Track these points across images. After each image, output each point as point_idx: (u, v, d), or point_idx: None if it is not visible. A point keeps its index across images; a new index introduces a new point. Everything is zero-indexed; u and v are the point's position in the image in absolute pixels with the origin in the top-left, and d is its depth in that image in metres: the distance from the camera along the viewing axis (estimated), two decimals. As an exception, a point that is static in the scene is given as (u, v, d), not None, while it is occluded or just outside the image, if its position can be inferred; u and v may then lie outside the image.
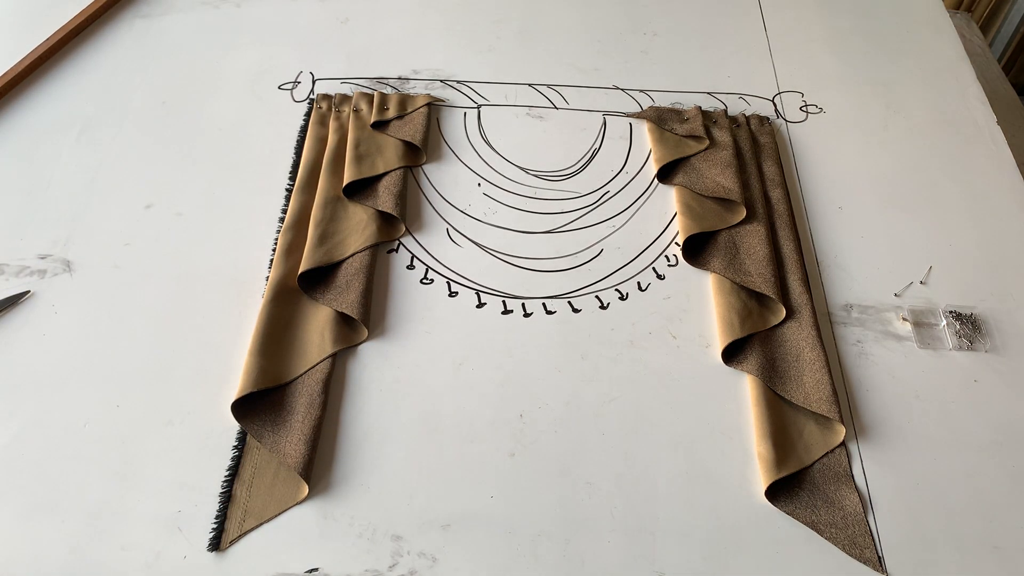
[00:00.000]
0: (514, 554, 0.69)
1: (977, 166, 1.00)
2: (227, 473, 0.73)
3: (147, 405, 0.77)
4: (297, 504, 0.71)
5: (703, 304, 0.86)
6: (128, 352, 0.80)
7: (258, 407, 0.77)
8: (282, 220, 0.91)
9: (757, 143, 1.01)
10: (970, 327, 0.84)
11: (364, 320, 0.82)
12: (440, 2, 1.18)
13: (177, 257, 0.88)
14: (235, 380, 0.77)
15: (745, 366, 0.81)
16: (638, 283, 0.88)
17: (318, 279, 0.86)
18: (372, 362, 0.81)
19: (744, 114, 1.04)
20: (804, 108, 1.06)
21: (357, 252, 0.88)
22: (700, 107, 1.03)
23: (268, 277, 0.86)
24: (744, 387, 0.80)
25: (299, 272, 0.85)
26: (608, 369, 0.81)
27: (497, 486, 0.73)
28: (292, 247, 0.88)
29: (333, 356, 0.80)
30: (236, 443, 0.75)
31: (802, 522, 0.72)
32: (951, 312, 0.86)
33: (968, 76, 1.11)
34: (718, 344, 0.83)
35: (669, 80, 1.09)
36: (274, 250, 0.88)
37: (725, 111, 1.04)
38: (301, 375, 0.79)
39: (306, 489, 0.72)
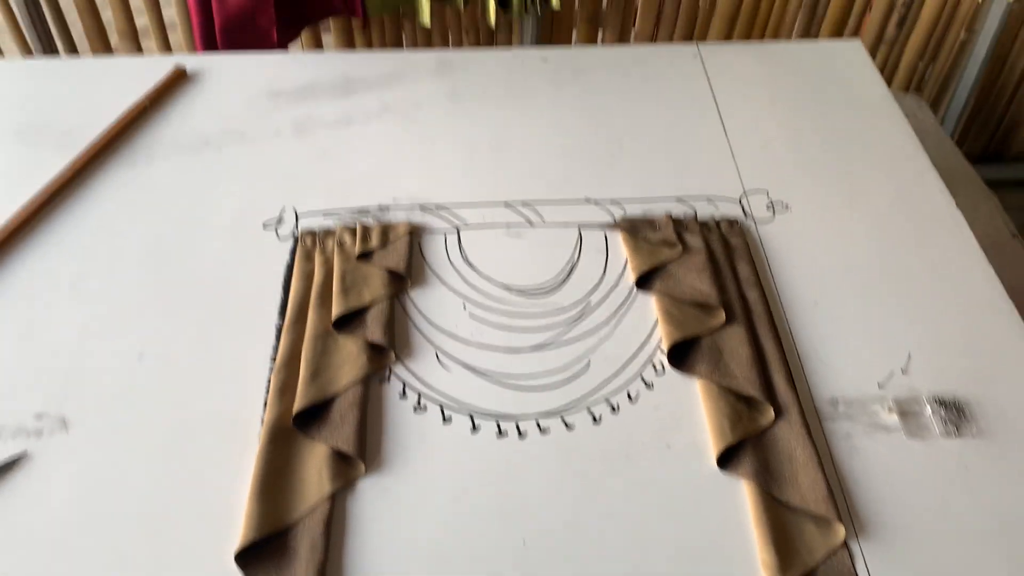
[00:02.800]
0: None
1: (942, 250, 1.04)
2: (233, 628, 0.72)
3: (148, 559, 0.76)
4: (306, 655, 0.71)
5: (693, 410, 0.88)
6: (128, 506, 0.80)
7: (262, 553, 0.77)
8: (274, 359, 0.93)
9: (729, 245, 1.04)
10: (955, 413, 0.86)
11: (360, 455, 0.83)
12: (414, 130, 1.23)
13: (172, 405, 0.89)
14: (237, 524, 0.78)
15: (740, 471, 0.82)
16: (628, 393, 0.90)
17: (313, 415, 0.87)
18: (372, 498, 0.81)
19: (714, 218, 1.08)
20: (770, 207, 1.10)
21: (349, 386, 0.89)
22: (671, 214, 1.07)
23: (263, 419, 0.87)
24: (741, 492, 0.81)
25: (295, 412, 0.86)
26: (606, 485, 0.82)
27: (506, 617, 0.73)
28: (285, 386, 0.89)
29: (333, 495, 0.81)
30: (241, 596, 0.74)
31: (813, 629, 0.72)
32: (935, 399, 0.88)
33: (923, 162, 1.16)
34: (711, 451, 0.84)
35: (638, 188, 1.13)
36: (268, 390, 0.90)
37: (695, 216, 1.08)
38: (302, 518, 0.79)
39: (314, 639, 0.71)
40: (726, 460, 0.83)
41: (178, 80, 1.31)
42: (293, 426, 0.86)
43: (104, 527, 0.79)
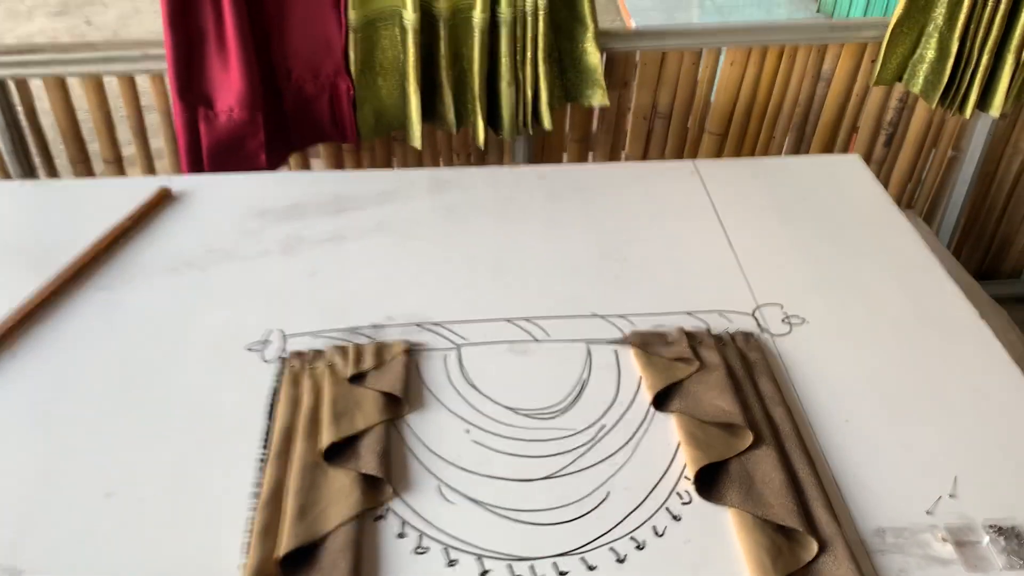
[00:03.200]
0: None
1: (972, 363, 0.98)
2: None
3: None
4: None
5: (727, 545, 0.79)
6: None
7: None
8: (257, 495, 0.83)
9: (747, 360, 0.98)
10: (1015, 542, 0.78)
11: (356, 605, 0.73)
12: (410, 246, 1.18)
13: (141, 550, 0.78)
14: None
15: (788, 615, 0.72)
16: (653, 528, 0.81)
17: (301, 559, 0.77)
18: (368, 657, 0.70)
19: (728, 331, 1.02)
20: (786, 320, 1.05)
21: (341, 524, 0.79)
22: (683, 328, 1.02)
23: (244, 565, 0.77)
24: (791, 640, 0.71)
25: (281, 554, 0.76)
26: (637, 635, 0.72)
27: None
28: (269, 526, 0.80)
29: (323, 655, 0.70)
30: None
31: None
32: (991, 527, 0.79)
33: (939, 272, 1.12)
34: (753, 591, 0.75)
35: (646, 303, 1.07)
36: (250, 531, 0.80)
37: (708, 330, 1.02)
38: None
39: None
40: (769, 602, 0.74)
41: (162, 200, 1.27)
42: (280, 572, 0.76)
43: None
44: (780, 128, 1.74)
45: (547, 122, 1.56)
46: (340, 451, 0.87)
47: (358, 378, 0.96)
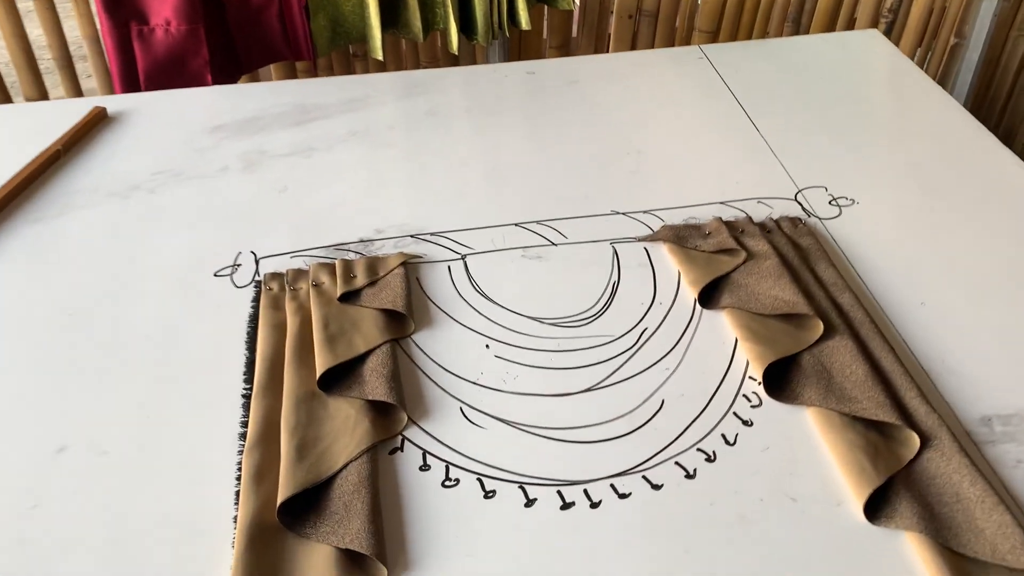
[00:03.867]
0: None
1: (1048, 234, 0.87)
2: None
3: None
4: None
5: (814, 450, 0.67)
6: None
7: None
8: (243, 437, 0.69)
9: (798, 246, 0.85)
10: None
11: (380, 555, 0.59)
12: (390, 154, 1.03)
13: (106, 513, 0.63)
14: None
15: (900, 521, 0.60)
16: (723, 436, 0.68)
17: (306, 506, 0.63)
18: (403, 614, 0.57)
19: (771, 218, 0.90)
20: (834, 202, 0.92)
21: (351, 461, 0.65)
22: (721, 218, 0.88)
23: (236, 517, 0.62)
24: (908, 550, 0.59)
25: (279, 502, 0.62)
26: (725, 561, 0.59)
27: None
28: (263, 470, 0.65)
29: (346, 616, 0.56)
30: None
31: None
32: (1112, 403, 0.68)
33: (992, 141, 1.00)
34: (852, 498, 0.63)
35: (672, 196, 0.94)
36: (239, 478, 0.65)
37: (749, 219, 0.89)
38: (305, 655, 0.54)
39: None
40: (873, 509, 0.62)
41: (98, 121, 1.09)
42: (280, 523, 0.61)
43: None
44: (775, 23, 1.60)
45: (524, 21, 1.40)
46: (339, 379, 0.72)
47: (350, 297, 0.81)
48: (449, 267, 0.86)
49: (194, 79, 1.34)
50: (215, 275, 0.85)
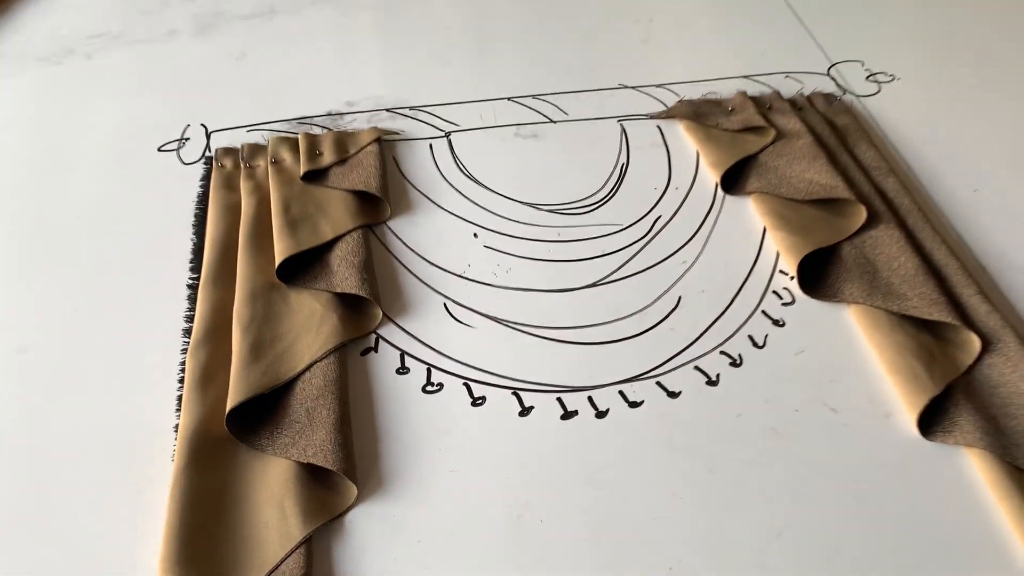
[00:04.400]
0: None
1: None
2: None
3: None
4: None
5: (855, 352, 0.57)
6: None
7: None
8: (188, 333, 0.58)
9: (834, 126, 0.74)
10: None
11: (348, 470, 0.50)
12: (363, 18, 0.89)
13: (25, 420, 0.53)
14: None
15: (959, 436, 0.51)
16: (750, 337, 0.58)
17: (261, 414, 0.53)
18: (374, 539, 0.48)
19: (803, 94, 0.78)
20: (871, 78, 0.81)
21: (316, 362, 0.55)
22: (745, 93, 0.77)
23: (177, 426, 0.53)
24: (968, 469, 0.51)
25: (228, 409, 0.52)
26: (756, 479, 0.50)
27: None
28: (210, 371, 0.55)
29: (308, 541, 0.47)
30: None
31: None
32: None
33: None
34: (902, 408, 0.54)
35: (689, 69, 0.82)
36: (181, 380, 0.55)
37: (778, 94, 0.78)
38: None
39: None
40: (927, 421, 0.53)
41: (26, -21, 0.94)
42: (229, 433, 0.52)
43: None
44: None
45: None
46: (303, 269, 0.62)
47: (315, 176, 0.69)
48: (431, 145, 0.74)
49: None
50: (159, 150, 0.73)
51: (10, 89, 0.80)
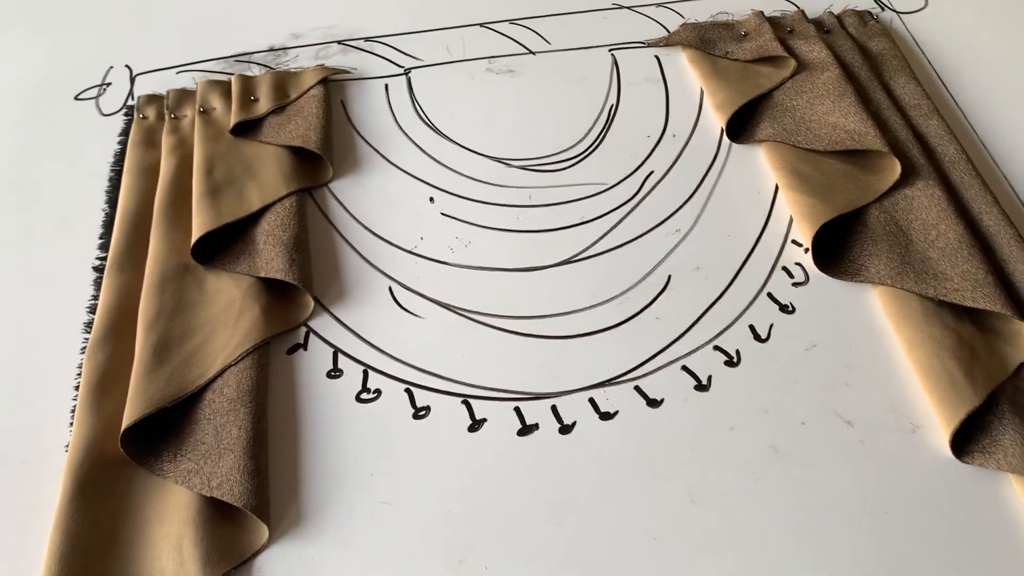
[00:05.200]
0: None
1: None
2: None
3: None
4: None
5: (878, 349, 0.47)
6: None
7: None
8: (89, 327, 0.50)
9: (868, 54, 0.62)
10: None
11: (259, 507, 0.42)
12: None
13: None
14: None
15: (1000, 460, 0.42)
16: (751, 328, 0.48)
17: (163, 429, 0.45)
18: (286, 592, 0.40)
19: (831, 12, 0.65)
20: (916, -10, 0.67)
21: (230, 366, 0.47)
22: (762, 13, 0.64)
23: (68, 445, 0.45)
24: (1011, 498, 0.41)
25: (123, 427, 0.44)
26: (748, 514, 0.41)
27: None
28: (109, 377, 0.47)
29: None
30: None
31: None
32: None
33: None
34: (934, 422, 0.44)
35: (696, -16, 0.69)
36: (77, 388, 0.47)
37: (801, 12, 0.65)
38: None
39: None
40: (964, 438, 0.43)
41: None
42: (124, 455, 0.44)
43: None
44: None
45: None
46: (224, 246, 0.53)
47: (247, 128, 0.59)
48: (387, 85, 0.63)
49: None
50: (76, 98, 0.64)
51: (-84, 26, 0.70)
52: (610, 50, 0.65)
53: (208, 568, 0.40)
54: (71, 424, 0.46)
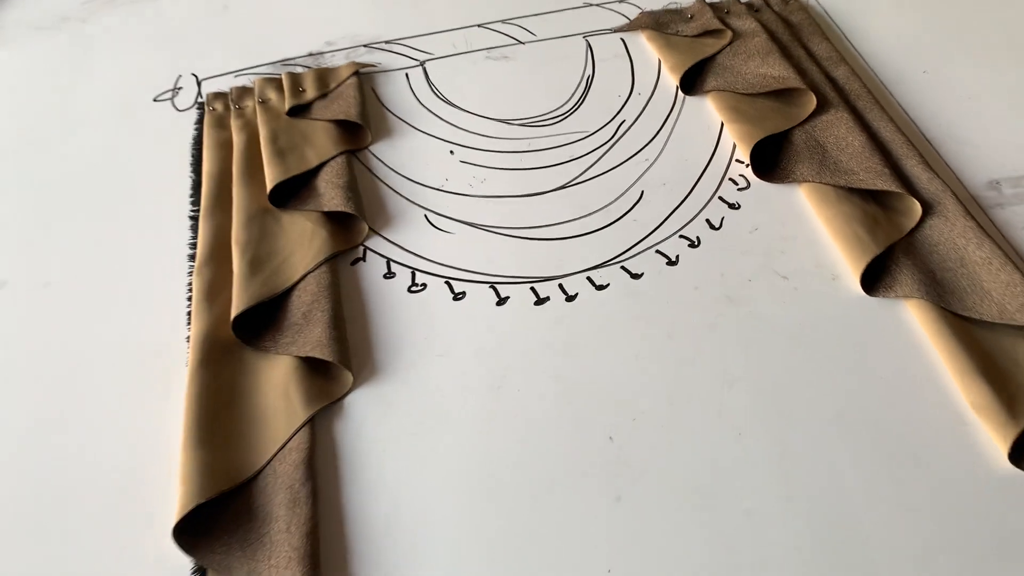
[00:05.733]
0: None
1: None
2: (184, 647, 0.44)
3: (55, 537, 0.48)
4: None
5: (806, 227, 0.62)
6: (25, 482, 0.51)
7: (215, 526, 0.49)
8: (192, 258, 0.64)
9: (790, 24, 0.78)
10: None
11: (344, 360, 0.55)
12: (339, -36, 0.93)
13: (53, 342, 0.59)
14: (169, 495, 0.50)
15: (899, 290, 0.56)
16: (707, 221, 0.63)
17: (262, 322, 0.59)
18: (371, 415, 0.53)
19: (759, -4, 0.81)
20: (827, -24, 0.84)
21: (309, 272, 0.61)
22: (704, 0, 0.80)
23: (189, 337, 0.58)
24: (908, 320, 0.55)
25: (232, 316, 0.57)
26: (711, 341, 0.55)
27: (611, 551, 0.46)
28: (214, 287, 0.61)
29: (311, 422, 0.53)
30: (190, 591, 0.46)
31: (1082, 488, 0.47)
32: None
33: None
34: (849, 272, 0.58)
35: (650, -16, 0.85)
36: (190, 298, 0.61)
37: (735, -2, 0.81)
38: (268, 462, 0.51)
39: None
40: (874, 283, 0.57)
41: (18, -46, 0.99)
42: (235, 337, 0.57)
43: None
44: None
45: None
46: (293, 193, 0.67)
47: (300, 111, 0.74)
48: (407, 75, 0.78)
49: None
50: (155, 100, 0.78)
51: (14, 58, 0.85)
52: (584, 37, 0.80)
53: (309, 405, 0.54)
54: (187, 324, 0.60)
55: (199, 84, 0.79)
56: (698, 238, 0.62)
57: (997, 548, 0.45)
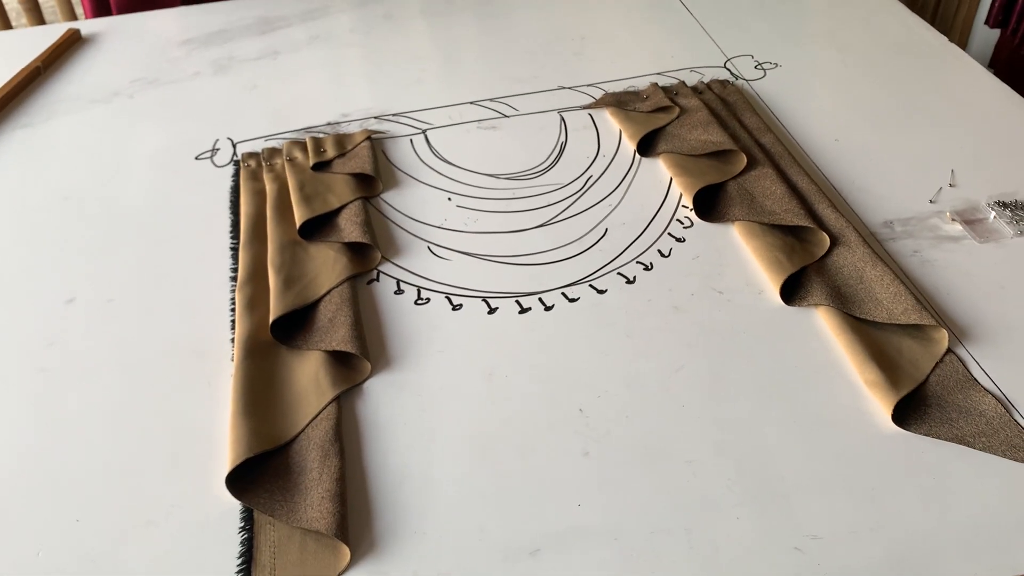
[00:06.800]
0: (630, 561, 0.54)
1: (950, 79, 0.97)
2: (239, 563, 0.55)
3: (115, 511, 0.58)
4: (342, 574, 0.54)
5: (737, 255, 0.76)
6: (79, 458, 0.62)
7: (260, 478, 0.60)
8: (233, 279, 0.77)
9: (727, 103, 0.95)
10: (1021, 211, 0.77)
11: (363, 352, 0.68)
12: (351, 53, 1.10)
13: (118, 344, 0.71)
14: (222, 456, 0.61)
15: (811, 299, 0.70)
16: (659, 251, 0.77)
17: (295, 327, 0.71)
18: (386, 396, 0.65)
19: (703, 81, 0.98)
20: (759, 67, 1.01)
21: (333, 288, 0.74)
22: (657, 83, 0.97)
23: (233, 338, 0.71)
24: (818, 323, 0.69)
25: (271, 320, 0.70)
26: (661, 339, 0.68)
27: (581, 492, 0.58)
28: (254, 301, 0.73)
29: (337, 400, 0.65)
30: (242, 524, 0.57)
31: (946, 439, 0.60)
32: (996, 203, 0.78)
33: (903, 11, 1.10)
34: (771, 287, 0.72)
35: (614, 71, 1.03)
36: (232, 309, 0.74)
37: (683, 83, 0.98)
38: (303, 429, 0.63)
39: (347, 553, 0.55)
40: (791, 296, 0.71)
41: (72, 42, 1.15)
42: (273, 338, 0.70)
43: (50, 486, 0.61)
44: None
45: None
46: (318, 230, 0.81)
47: (322, 167, 0.89)
48: (411, 140, 0.94)
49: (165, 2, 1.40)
50: (196, 159, 0.93)
51: (71, 123, 1.00)
52: (559, 112, 0.97)
53: (335, 387, 0.66)
54: (231, 329, 0.72)
55: (234, 146, 0.94)
56: (651, 263, 0.76)
57: (880, 484, 0.57)
